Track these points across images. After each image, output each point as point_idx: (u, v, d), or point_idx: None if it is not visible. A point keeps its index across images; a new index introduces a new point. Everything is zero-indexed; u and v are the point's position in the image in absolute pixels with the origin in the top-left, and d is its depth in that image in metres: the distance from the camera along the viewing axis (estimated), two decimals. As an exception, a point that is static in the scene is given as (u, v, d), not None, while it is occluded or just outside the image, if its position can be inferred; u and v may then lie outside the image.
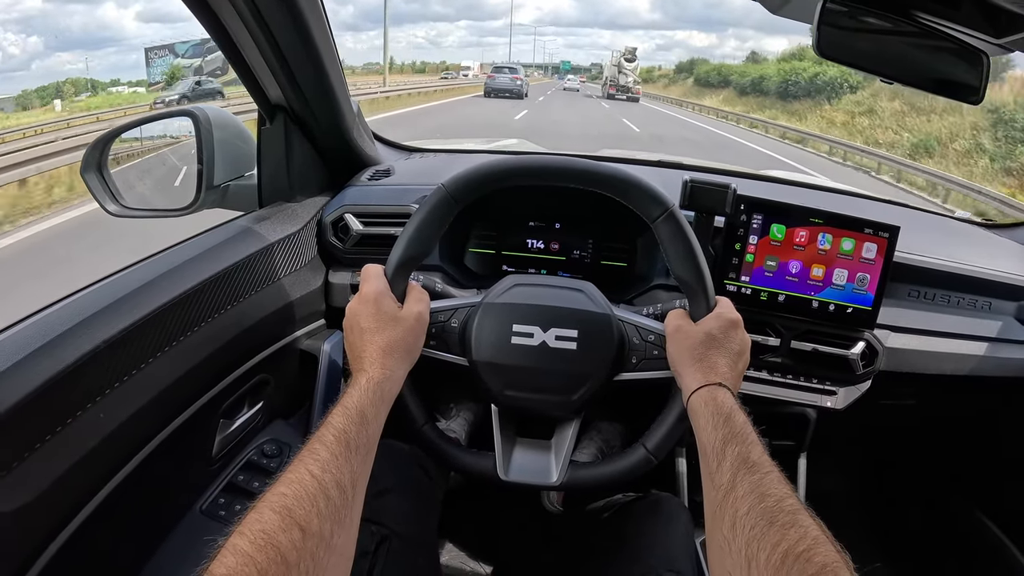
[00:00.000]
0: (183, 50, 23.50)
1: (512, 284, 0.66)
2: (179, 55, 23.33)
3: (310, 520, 0.40)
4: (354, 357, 0.57)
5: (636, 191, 0.61)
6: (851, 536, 0.44)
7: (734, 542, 0.41)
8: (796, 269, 0.82)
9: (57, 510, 0.53)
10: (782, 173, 1.36)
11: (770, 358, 0.86)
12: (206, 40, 21.79)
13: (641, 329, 0.64)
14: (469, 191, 0.62)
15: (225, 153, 0.89)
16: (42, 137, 7.71)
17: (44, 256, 4.07)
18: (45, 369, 0.51)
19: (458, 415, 1.02)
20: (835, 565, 0.37)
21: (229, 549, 0.37)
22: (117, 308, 0.60)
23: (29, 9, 51.67)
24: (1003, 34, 0.64)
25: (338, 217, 0.93)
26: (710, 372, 0.56)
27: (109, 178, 0.91)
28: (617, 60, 28.81)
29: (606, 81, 30.11)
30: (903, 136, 15.52)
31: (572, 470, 0.64)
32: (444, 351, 0.65)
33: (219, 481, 0.75)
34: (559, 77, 65.86)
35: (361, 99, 3.65)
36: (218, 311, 0.72)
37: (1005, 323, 0.92)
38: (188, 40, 23.95)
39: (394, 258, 0.61)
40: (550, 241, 0.98)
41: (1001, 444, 1.11)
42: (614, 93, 27.19)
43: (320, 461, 0.44)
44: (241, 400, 0.79)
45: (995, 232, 1.13)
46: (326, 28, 0.80)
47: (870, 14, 0.65)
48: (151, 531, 0.67)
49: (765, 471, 0.45)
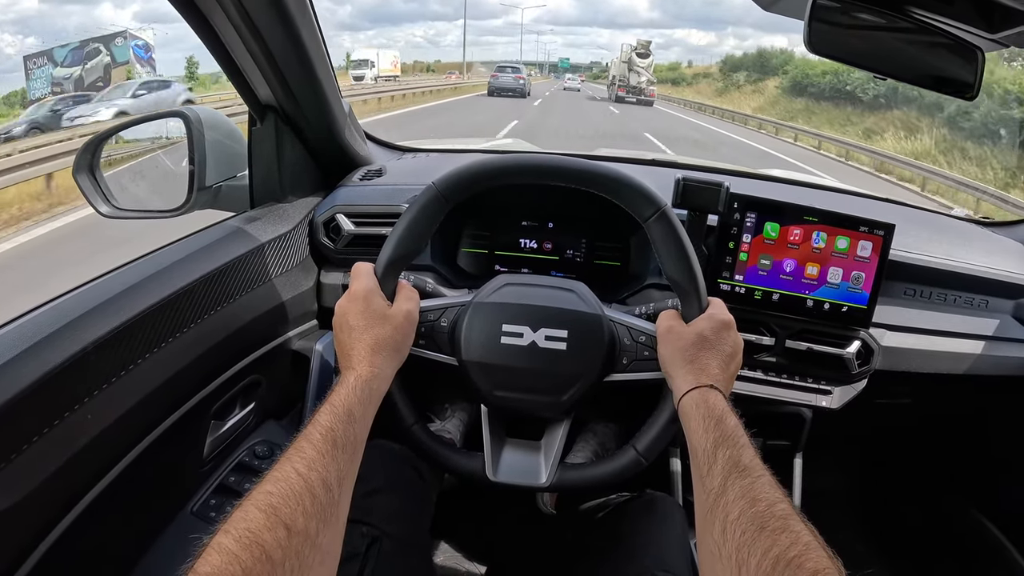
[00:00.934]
0: (61, 57, 18.51)
1: (503, 283, 0.66)
2: (58, 63, 18.38)
3: (295, 518, 0.40)
4: (342, 355, 0.57)
5: (628, 190, 0.61)
6: (847, 536, 0.44)
7: (724, 547, 0.41)
8: (790, 268, 0.82)
9: (46, 511, 0.53)
10: (778, 172, 1.36)
11: (765, 357, 0.86)
12: (86, 43, 18.45)
13: (632, 330, 0.63)
14: (460, 190, 0.61)
15: (216, 154, 0.89)
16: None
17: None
18: (33, 371, 0.51)
19: (453, 416, 1.02)
20: (826, 571, 0.37)
21: (214, 547, 0.37)
22: (106, 309, 0.59)
23: (26, 9, 51.56)
24: (997, 29, 0.63)
25: (330, 217, 0.92)
26: (701, 374, 0.56)
27: (101, 179, 0.91)
28: (628, 56, 23.63)
29: (613, 81, 25.38)
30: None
31: (562, 471, 0.63)
32: (434, 350, 0.64)
33: (210, 482, 0.75)
34: (556, 76, 63.10)
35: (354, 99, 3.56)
36: (209, 311, 0.71)
37: (1002, 321, 0.91)
38: (67, 44, 18.79)
39: (384, 256, 0.60)
40: (543, 241, 0.97)
41: (998, 443, 1.11)
42: (623, 95, 22.93)
43: (306, 459, 0.44)
44: (232, 401, 0.79)
45: (993, 230, 1.12)
46: (315, 27, 0.79)
47: (863, 10, 0.64)
48: (141, 532, 0.67)
49: (756, 475, 0.45)
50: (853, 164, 10.85)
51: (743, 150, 11.43)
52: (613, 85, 24.89)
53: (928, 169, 9.20)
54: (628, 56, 23.51)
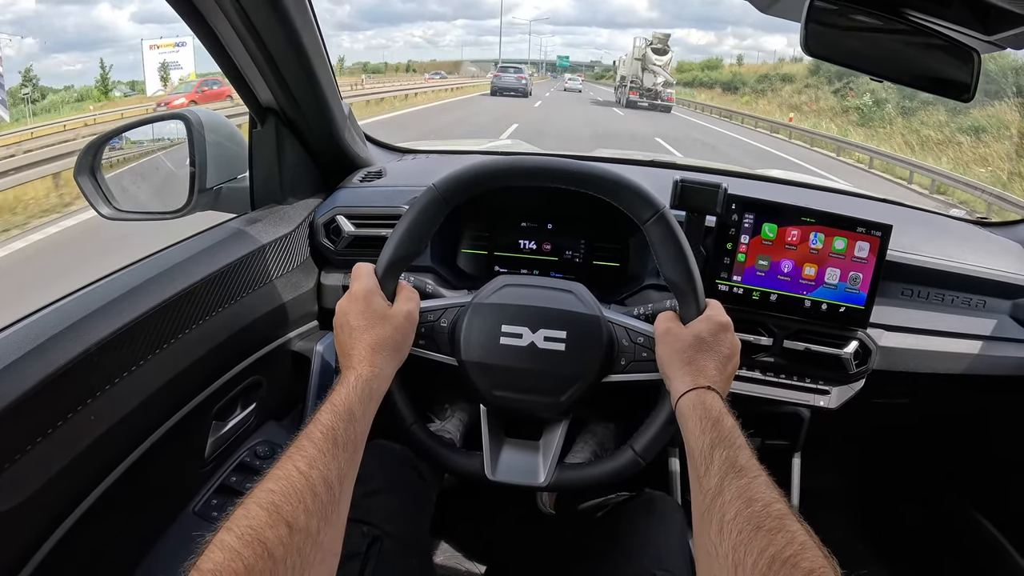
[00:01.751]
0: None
1: (502, 284, 0.66)
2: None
3: (297, 516, 0.40)
4: (343, 354, 0.57)
5: (627, 192, 0.61)
6: (845, 536, 0.44)
7: (721, 547, 0.41)
8: (788, 268, 0.82)
9: (49, 512, 0.54)
10: (776, 172, 1.36)
11: (763, 358, 0.86)
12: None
13: (630, 331, 0.64)
14: (460, 191, 0.62)
15: (217, 156, 0.90)
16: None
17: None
18: (36, 372, 0.52)
19: (453, 415, 1.02)
20: (822, 570, 0.37)
21: (216, 545, 0.37)
22: (109, 310, 0.60)
23: (23, 10, 51.49)
24: (994, 31, 0.63)
25: (330, 219, 0.93)
26: (699, 375, 0.56)
27: (103, 181, 0.91)
28: (642, 51, 19.75)
29: (622, 82, 21.49)
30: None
31: (560, 471, 0.64)
32: (433, 351, 0.65)
33: (212, 482, 0.76)
34: (553, 75, 59.26)
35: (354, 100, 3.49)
36: (210, 313, 0.72)
37: (1000, 321, 0.92)
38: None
39: (384, 257, 0.61)
40: (542, 242, 0.98)
41: (996, 443, 1.11)
42: (636, 99, 19.13)
43: (307, 458, 0.44)
44: (234, 402, 0.79)
45: (990, 230, 1.12)
46: (315, 29, 0.80)
47: (859, 12, 0.64)
48: (144, 532, 0.68)
49: (753, 475, 0.45)
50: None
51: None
52: (623, 87, 21.27)
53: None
54: (642, 52, 19.61)
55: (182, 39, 22.77)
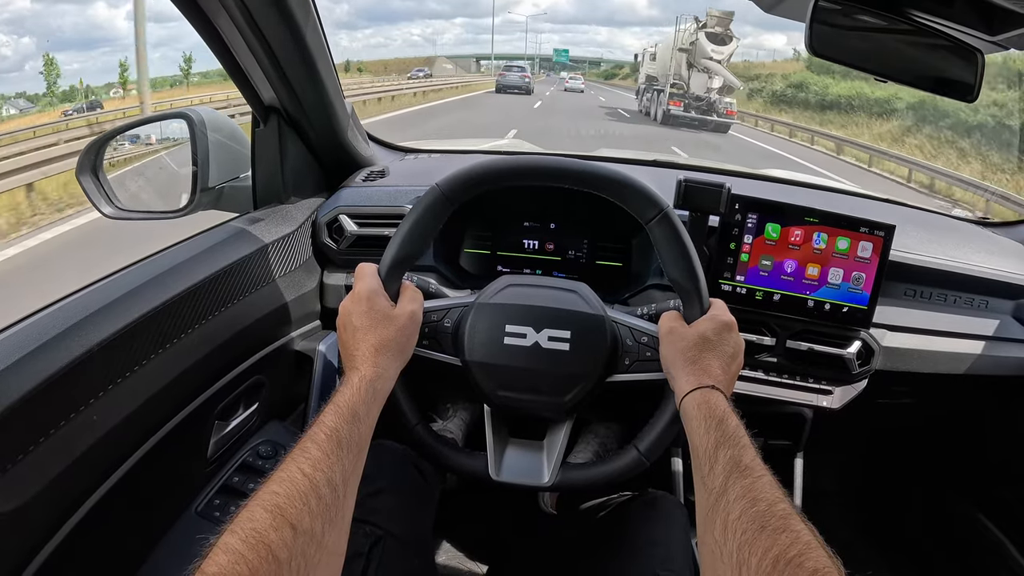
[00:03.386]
0: None
1: (506, 284, 0.66)
2: None
3: (301, 518, 0.40)
4: (346, 355, 0.57)
5: (631, 192, 0.61)
6: (848, 535, 0.44)
7: (725, 546, 0.41)
8: (791, 268, 0.82)
9: (52, 512, 0.53)
10: (779, 172, 1.36)
11: (766, 358, 0.86)
12: None
13: (634, 330, 0.64)
14: (463, 191, 0.62)
15: (219, 155, 0.90)
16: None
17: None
18: (39, 372, 0.51)
19: (455, 415, 1.02)
20: (826, 570, 0.37)
21: (221, 547, 0.37)
22: (111, 310, 0.60)
23: (20, 9, 51.50)
24: (998, 32, 0.63)
25: (333, 218, 0.93)
26: (703, 375, 0.56)
27: (104, 180, 0.91)
28: (691, 39, 12.57)
29: (651, 84, 14.69)
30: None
31: (564, 471, 0.64)
32: (437, 351, 0.65)
33: (214, 482, 0.75)
34: (547, 73, 49.50)
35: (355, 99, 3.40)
36: (213, 312, 0.72)
37: (1003, 322, 0.92)
38: None
39: (388, 257, 0.61)
40: (545, 241, 0.97)
41: (999, 443, 1.11)
42: (679, 112, 12.29)
43: (311, 459, 0.44)
44: (236, 401, 0.79)
45: (993, 230, 1.13)
46: (318, 28, 0.80)
47: (864, 12, 0.64)
48: (147, 532, 0.67)
49: (757, 475, 0.45)
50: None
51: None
52: (657, 91, 13.98)
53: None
54: (692, 39, 12.35)
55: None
